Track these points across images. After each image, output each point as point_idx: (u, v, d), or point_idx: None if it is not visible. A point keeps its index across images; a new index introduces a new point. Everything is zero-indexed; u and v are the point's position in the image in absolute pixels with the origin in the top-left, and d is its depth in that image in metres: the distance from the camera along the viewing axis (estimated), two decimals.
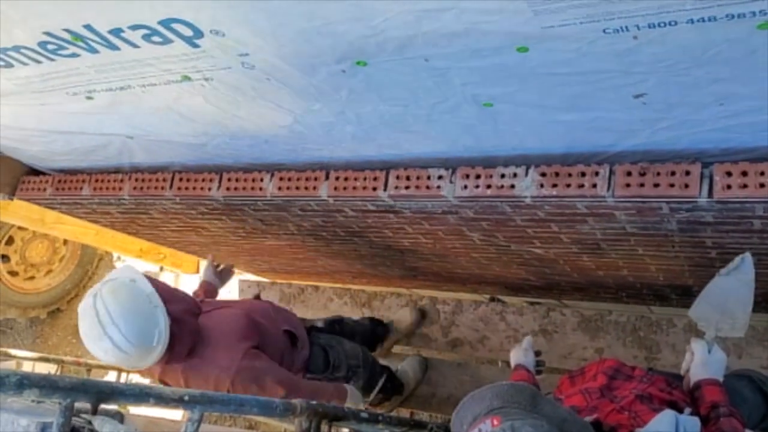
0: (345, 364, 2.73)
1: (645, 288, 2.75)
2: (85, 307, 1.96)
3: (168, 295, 2.14)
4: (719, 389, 1.69)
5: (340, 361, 2.71)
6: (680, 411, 1.57)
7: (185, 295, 2.31)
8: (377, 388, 2.95)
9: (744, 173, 1.52)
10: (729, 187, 1.53)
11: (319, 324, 2.88)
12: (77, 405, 1.37)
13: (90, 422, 1.38)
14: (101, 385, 1.36)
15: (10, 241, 5.17)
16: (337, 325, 3.06)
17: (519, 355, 2.14)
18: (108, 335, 1.91)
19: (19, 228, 5.00)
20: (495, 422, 1.16)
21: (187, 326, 2.15)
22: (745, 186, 1.52)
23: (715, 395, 1.67)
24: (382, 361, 3.24)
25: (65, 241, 5.39)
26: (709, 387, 1.70)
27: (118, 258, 5.62)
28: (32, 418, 1.41)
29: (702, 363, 1.76)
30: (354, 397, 2.49)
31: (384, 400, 3.18)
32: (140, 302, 2.00)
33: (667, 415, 1.46)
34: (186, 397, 1.48)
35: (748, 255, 1.81)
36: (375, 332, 3.31)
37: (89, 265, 5.61)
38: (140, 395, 1.42)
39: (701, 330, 1.89)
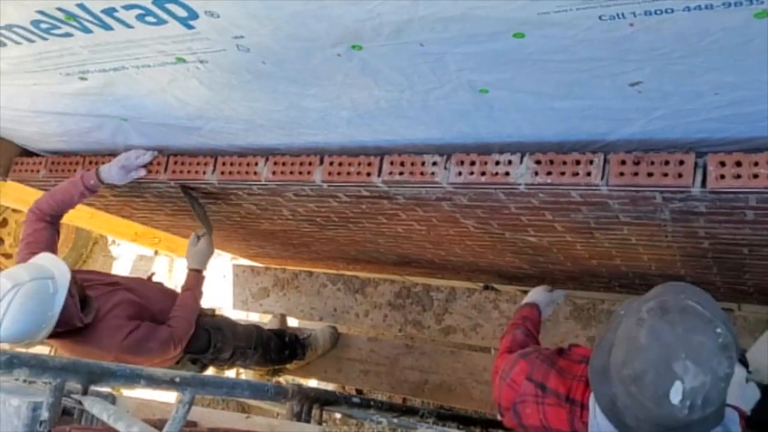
0: (230, 346, 2.88)
1: (637, 278, 2.76)
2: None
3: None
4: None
5: (224, 343, 2.84)
6: None
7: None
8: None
9: (738, 163, 1.52)
10: (722, 177, 1.54)
11: (208, 312, 2.97)
12: (69, 385, 1.38)
13: (80, 402, 1.38)
14: (92, 365, 1.36)
15: (4, 223, 5.16)
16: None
17: (542, 297, 2.23)
18: None
19: (14, 210, 4.98)
20: None
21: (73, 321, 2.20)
22: (738, 176, 1.52)
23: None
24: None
25: None
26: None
27: (113, 242, 5.61)
28: (24, 398, 1.41)
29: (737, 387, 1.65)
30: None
31: (282, 361, 3.46)
32: (40, 312, 2.03)
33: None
34: (177, 379, 1.49)
35: None
36: (287, 346, 3.46)
37: (83, 249, 5.59)
38: (131, 376, 1.42)
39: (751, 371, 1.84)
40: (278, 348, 3.29)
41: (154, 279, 2.89)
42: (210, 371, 3.09)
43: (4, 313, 1.94)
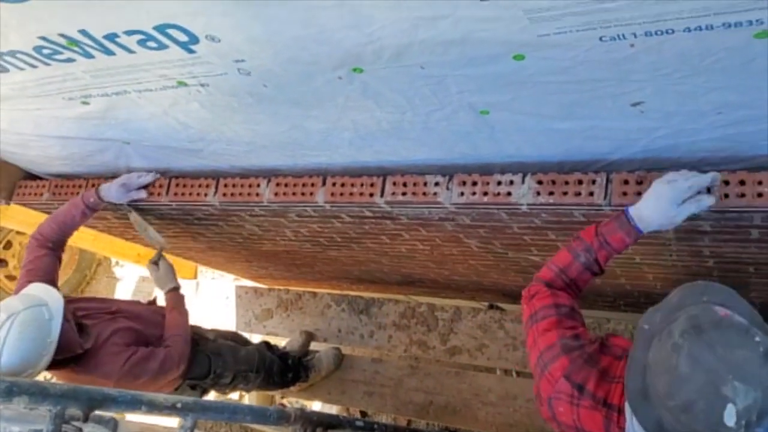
0: (231, 371, 2.87)
1: (642, 297, 2.74)
2: None
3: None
4: None
5: (224, 369, 2.83)
6: None
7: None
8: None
9: (742, 182, 1.52)
10: (726, 196, 1.53)
11: (210, 336, 2.95)
12: (70, 412, 1.37)
13: (81, 429, 1.37)
14: (92, 392, 1.35)
15: (8, 245, 5.16)
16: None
17: (659, 208, 1.52)
18: None
19: (18, 232, 4.99)
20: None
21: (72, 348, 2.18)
22: (742, 195, 1.51)
23: None
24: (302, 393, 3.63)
25: None
26: None
27: (117, 263, 5.61)
28: (24, 426, 1.40)
29: None
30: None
31: (285, 384, 3.42)
32: (38, 338, 2.01)
33: None
34: (179, 405, 1.48)
35: None
36: (291, 369, 3.43)
37: (87, 270, 5.59)
38: (132, 402, 1.41)
39: None
40: (281, 371, 3.27)
41: (156, 303, 2.88)
42: (212, 394, 3.06)
43: (3, 344, 1.92)
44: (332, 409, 4.03)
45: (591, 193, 1.68)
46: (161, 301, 2.86)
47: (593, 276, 1.66)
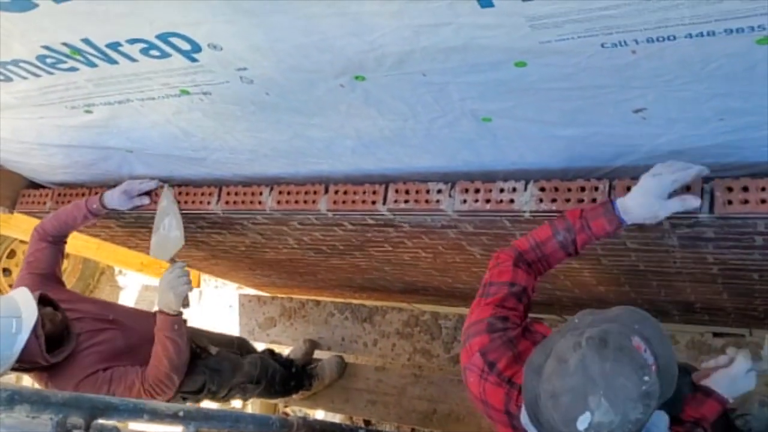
0: (227, 386, 2.82)
1: (646, 304, 2.72)
2: None
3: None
4: (718, 409, 1.62)
5: (219, 386, 2.77)
6: None
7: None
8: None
9: (745, 189, 1.51)
10: (730, 202, 1.52)
11: (213, 350, 2.88)
12: (72, 420, 1.36)
13: None
14: (94, 400, 1.35)
15: (11, 254, 5.16)
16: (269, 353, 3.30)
17: (646, 206, 1.52)
18: None
19: (21, 242, 5.00)
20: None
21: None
22: (746, 202, 1.51)
23: (711, 413, 1.61)
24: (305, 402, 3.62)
25: (66, 255, 5.35)
26: (714, 402, 1.62)
27: (120, 272, 5.62)
28: None
29: (732, 377, 1.63)
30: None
31: (287, 392, 3.40)
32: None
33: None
34: (181, 413, 1.47)
35: None
36: (293, 377, 3.41)
37: (91, 279, 5.59)
38: (134, 410, 1.41)
39: (761, 353, 1.70)
40: (283, 380, 3.25)
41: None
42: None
43: None
44: (335, 418, 4.02)
45: (594, 200, 1.67)
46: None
47: (567, 256, 1.68)
